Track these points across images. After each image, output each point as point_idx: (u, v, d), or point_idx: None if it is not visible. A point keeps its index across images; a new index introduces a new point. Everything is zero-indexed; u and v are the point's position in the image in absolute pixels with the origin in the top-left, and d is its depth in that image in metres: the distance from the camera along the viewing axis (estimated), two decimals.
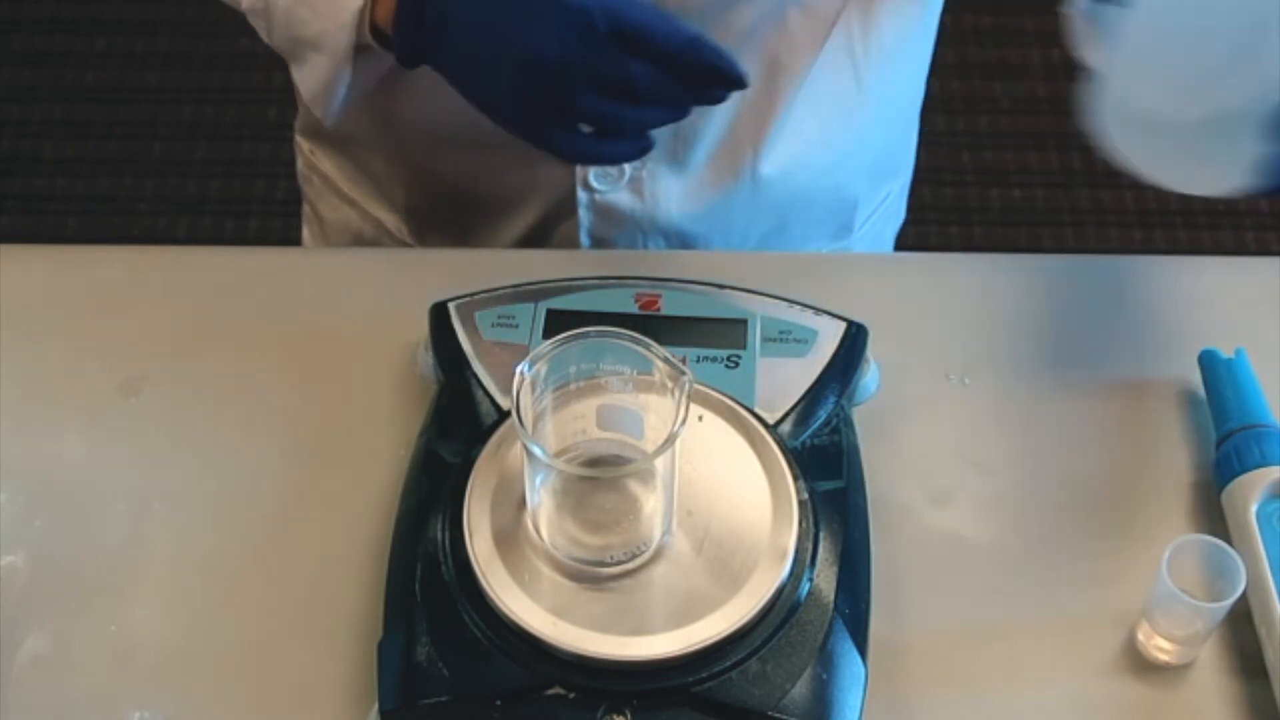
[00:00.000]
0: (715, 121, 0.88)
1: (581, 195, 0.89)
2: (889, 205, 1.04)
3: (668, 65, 0.69)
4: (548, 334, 0.71)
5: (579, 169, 0.88)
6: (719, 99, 0.73)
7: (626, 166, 0.88)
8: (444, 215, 0.96)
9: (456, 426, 0.69)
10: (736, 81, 0.70)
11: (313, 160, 1.03)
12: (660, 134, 0.84)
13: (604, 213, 0.91)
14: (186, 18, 2.19)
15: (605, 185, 0.89)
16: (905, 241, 1.10)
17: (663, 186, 0.90)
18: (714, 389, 0.69)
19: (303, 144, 1.04)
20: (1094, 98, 0.67)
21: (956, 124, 2.08)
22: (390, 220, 0.98)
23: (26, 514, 0.71)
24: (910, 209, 1.10)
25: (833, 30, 0.87)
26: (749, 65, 0.85)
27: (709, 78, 0.70)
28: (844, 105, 0.92)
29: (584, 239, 0.92)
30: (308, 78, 0.80)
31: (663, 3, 0.78)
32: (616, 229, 0.91)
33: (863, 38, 0.90)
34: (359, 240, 1.01)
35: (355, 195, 1.00)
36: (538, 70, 0.69)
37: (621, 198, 0.90)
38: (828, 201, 0.97)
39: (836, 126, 0.93)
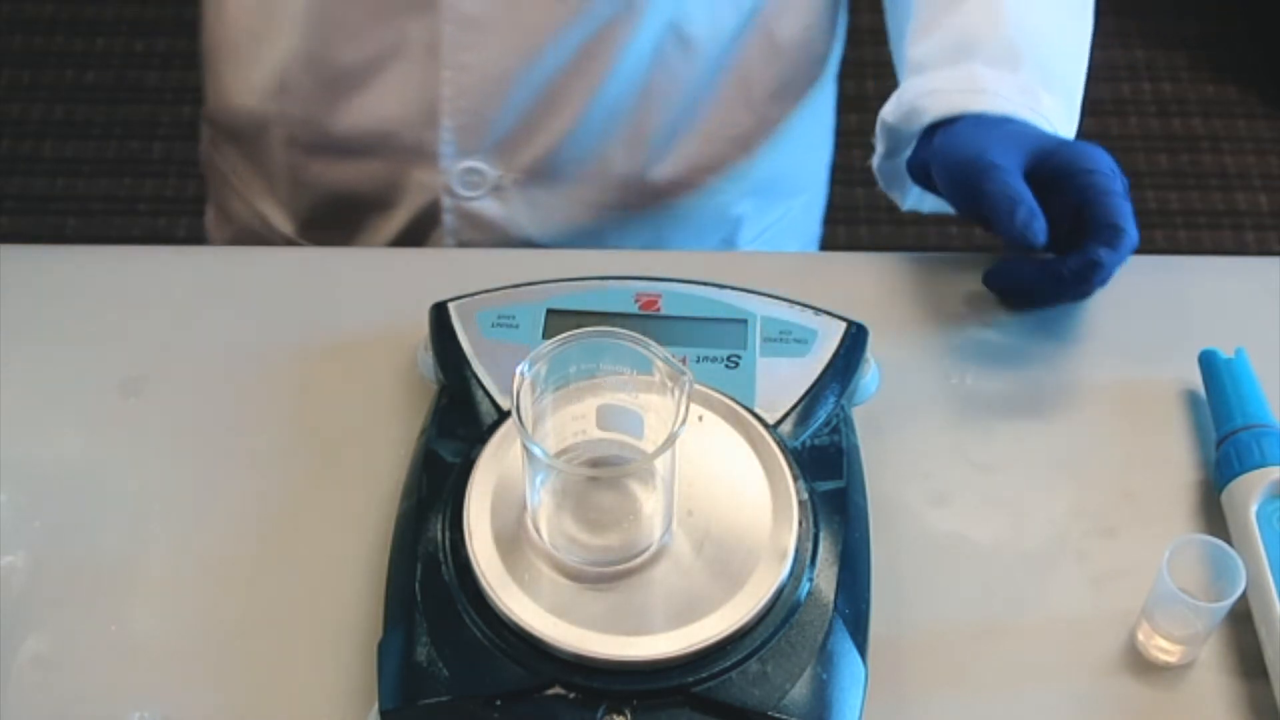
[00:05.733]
0: (581, 142, 0.89)
1: (446, 200, 0.92)
2: (787, 223, 1.04)
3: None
4: (548, 334, 0.71)
5: (443, 175, 0.90)
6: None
7: (490, 174, 0.90)
8: (325, 215, 0.98)
9: (456, 426, 0.69)
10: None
11: (210, 150, 1.04)
12: (524, 148, 0.89)
13: (469, 219, 0.93)
14: (186, 18, 2.18)
15: (470, 192, 0.91)
16: (906, 242, 1.10)
17: (528, 198, 0.92)
18: (714, 389, 0.69)
19: (205, 129, 1.04)
20: None
21: None
22: (276, 217, 1.00)
23: (26, 514, 0.71)
24: None
25: (721, 63, 0.88)
26: (622, 87, 0.87)
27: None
28: (735, 134, 0.93)
29: (449, 244, 0.94)
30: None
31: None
32: (482, 235, 0.93)
33: (761, 71, 0.91)
34: (248, 234, 1.03)
35: (244, 190, 1.01)
36: None
37: (486, 205, 0.92)
38: (708, 219, 0.98)
39: (724, 152, 0.94)
